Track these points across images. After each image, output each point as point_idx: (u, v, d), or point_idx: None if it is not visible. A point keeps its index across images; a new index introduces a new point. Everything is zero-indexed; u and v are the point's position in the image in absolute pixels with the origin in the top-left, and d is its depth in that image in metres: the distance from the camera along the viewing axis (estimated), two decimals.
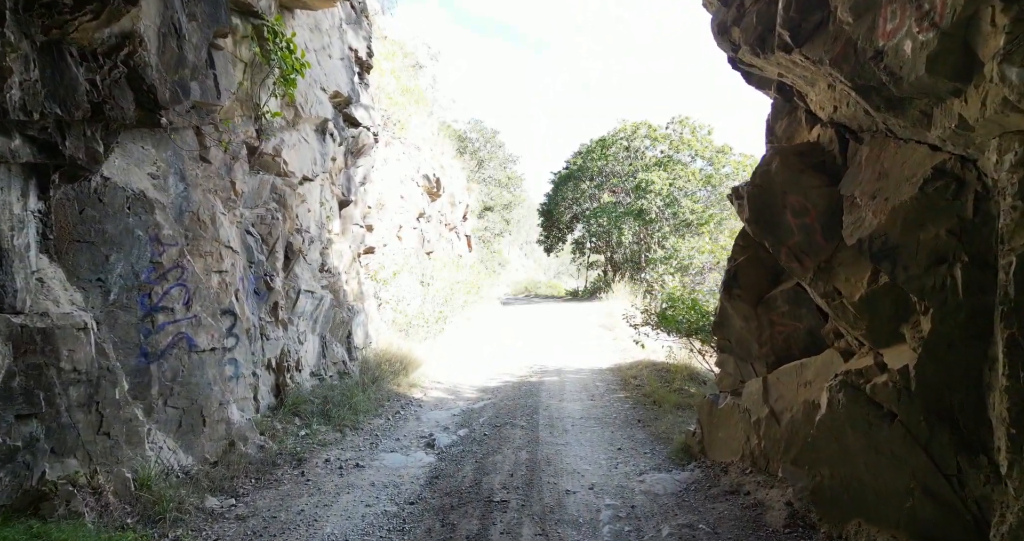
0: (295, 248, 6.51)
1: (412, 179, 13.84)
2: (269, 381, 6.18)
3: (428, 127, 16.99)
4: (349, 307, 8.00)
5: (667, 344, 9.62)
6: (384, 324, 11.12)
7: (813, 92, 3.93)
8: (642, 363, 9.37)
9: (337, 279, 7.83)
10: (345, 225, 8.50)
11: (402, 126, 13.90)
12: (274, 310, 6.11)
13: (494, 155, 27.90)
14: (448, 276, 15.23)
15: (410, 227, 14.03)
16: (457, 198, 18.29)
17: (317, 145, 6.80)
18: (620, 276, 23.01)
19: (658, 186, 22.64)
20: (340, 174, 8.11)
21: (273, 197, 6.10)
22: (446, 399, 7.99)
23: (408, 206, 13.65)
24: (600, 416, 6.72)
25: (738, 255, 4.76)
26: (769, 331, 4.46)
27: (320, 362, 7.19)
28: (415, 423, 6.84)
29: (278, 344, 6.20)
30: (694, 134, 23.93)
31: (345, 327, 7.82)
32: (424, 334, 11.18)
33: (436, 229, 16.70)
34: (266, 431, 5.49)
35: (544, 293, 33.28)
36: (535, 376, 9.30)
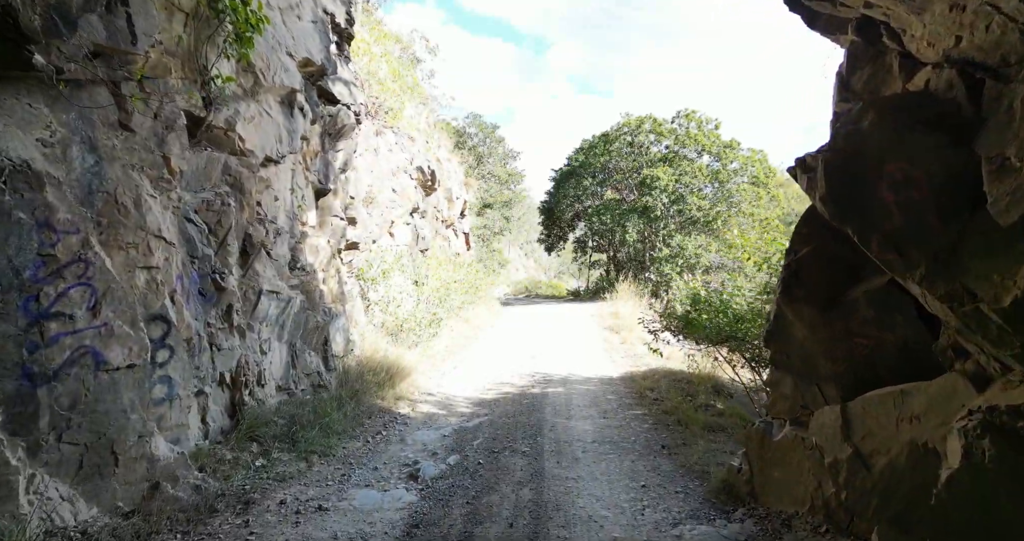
0: (256, 241, 5.46)
1: (405, 171, 12.79)
2: (222, 399, 5.13)
3: (423, 117, 15.94)
4: (326, 310, 6.95)
5: (686, 351, 8.57)
6: (372, 328, 10.07)
7: (919, 23, 2.87)
8: (658, 372, 8.30)
9: (312, 278, 6.78)
10: (323, 217, 7.45)
11: (394, 115, 12.85)
12: (227, 314, 5.05)
13: (494, 151, 26.83)
14: (444, 275, 14.18)
15: (403, 223, 12.98)
16: (455, 193, 17.24)
17: (283, 120, 5.75)
18: (624, 276, 21.94)
19: (663, 182, 21.60)
20: (316, 159, 7.06)
21: (226, 179, 5.04)
22: (437, 415, 6.94)
23: (400, 200, 12.59)
24: (616, 439, 5.65)
25: (801, 246, 3.70)
26: (845, 344, 3.41)
27: (289, 374, 6.13)
28: (398, 446, 5.78)
29: (233, 355, 5.14)
30: (700, 128, 22.88)
31: (321, 333, 6.77)
32: (416, 338, 10.13)
33: (432, 225, 15.64)
34: (209, 465, 4.43)
35: (545, 293, 32.24)
36: (538, 387, 8.24)
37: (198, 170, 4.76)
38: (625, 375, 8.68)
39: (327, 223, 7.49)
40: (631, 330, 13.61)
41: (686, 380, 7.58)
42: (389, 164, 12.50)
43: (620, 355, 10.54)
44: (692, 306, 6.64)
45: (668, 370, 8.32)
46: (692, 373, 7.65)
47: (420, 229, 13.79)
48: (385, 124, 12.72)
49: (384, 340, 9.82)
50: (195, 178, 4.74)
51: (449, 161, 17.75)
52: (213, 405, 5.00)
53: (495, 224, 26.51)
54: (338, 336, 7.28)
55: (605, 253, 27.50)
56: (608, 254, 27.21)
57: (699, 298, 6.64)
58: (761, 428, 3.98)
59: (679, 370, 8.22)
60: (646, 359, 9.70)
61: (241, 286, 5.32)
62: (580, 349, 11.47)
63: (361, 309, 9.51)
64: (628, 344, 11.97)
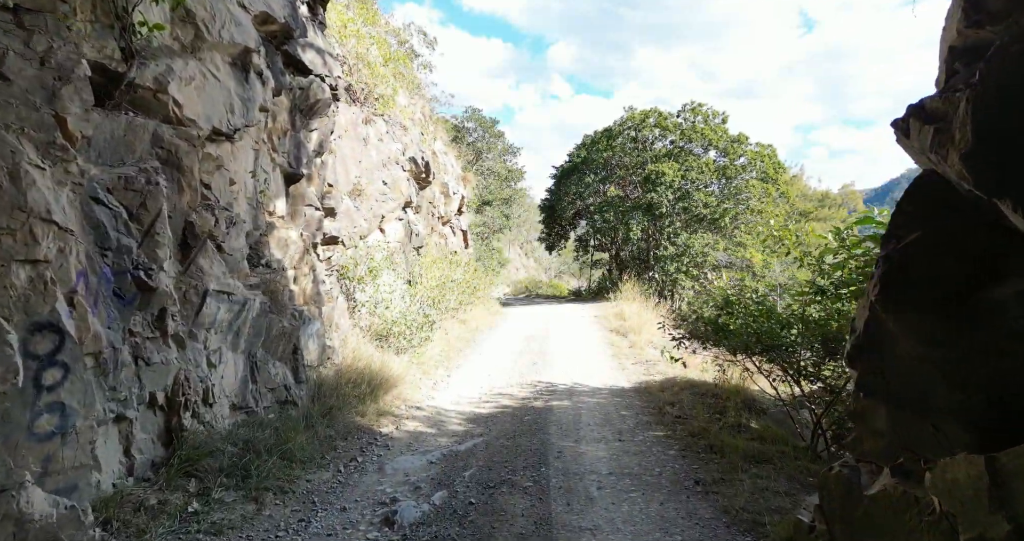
0: (200, 231, 4.44)
1: (397, 162, 11.78)
2: (153, 425, 4.11)
3: (418, 108, 14.93)
4: (296, 313, 5.93)
5: (708, 360, 7.54)
6: (357, 332, 9.06)
7: None
8: (676, 383, 7.28)
9: (278, 276, 5.76)
10: (295, 206, 6.43)
11: (385, 102, 11.84)
12: (159, 320, 4.03)
13: (493, 146, 25.80)
14: (440, 274, 13.17)
15: (395, 218, 11.97)
16: (452, 188, 16.22)
17: (235, 86, 4.73)
18: (628, 275, 20.94)
19: (669, 178, 20.58)
20: (286, 139, 6.05)
21: (156, 153, 4.02)
22: (424, 435, 5.92)
23: (392, 193, 11.59)
24: (637, 470, 4.62)
25: (906, 230, 2.67)
26: (982, 365, 2.39)
27: (247, 390, 5.11)
28: (375, 477, 4.76)
29: (168, 370, 4.12)
30: (707, 122, 21.86)
31: (289, 340, 5.75)
32: (406, 343, 9.12)
33: (427, 221, 14.63)
34: (121, 516, 3.41)
35: (546, 293, 31.24)
36: (540, 399, 7.22)
37: (115, 138, 3.74)
38: (639, 385, 7.65)
39: (300, 213, 6.47)
40: (639, 332, 12.61)
41: (710, 393, 6.56)
42: (379, 154, 11.49)
43: (630, 361, 9.52)
44: (723, 309, 5.60)
45: (687, 380, 7.29)
46: (716, 385, 6.62)
47: (414, 225, 12.78)
48: (375, 112, 11.72)
49: (370, 346, 8.80)
50: (110, 149, 3.72)
51: (446, 154, 16.74)
52: (140, 433, 3.99)
53: (494, 222, 25.49)
54: (311, 343, 6.26)
55: (607, 252, 26.50)
56: (610, 253, 26.21)
57: (732, 300, 5.59)
58: (844, 475, 2.95)
59: (700, 381, 7.20)
60: (660, 366, 8.68)
61: (179, 285, 4.30)
62: (586, 354, 10.44)
63: (344, 311, 8.50)
64: (637, 348, 10.95)
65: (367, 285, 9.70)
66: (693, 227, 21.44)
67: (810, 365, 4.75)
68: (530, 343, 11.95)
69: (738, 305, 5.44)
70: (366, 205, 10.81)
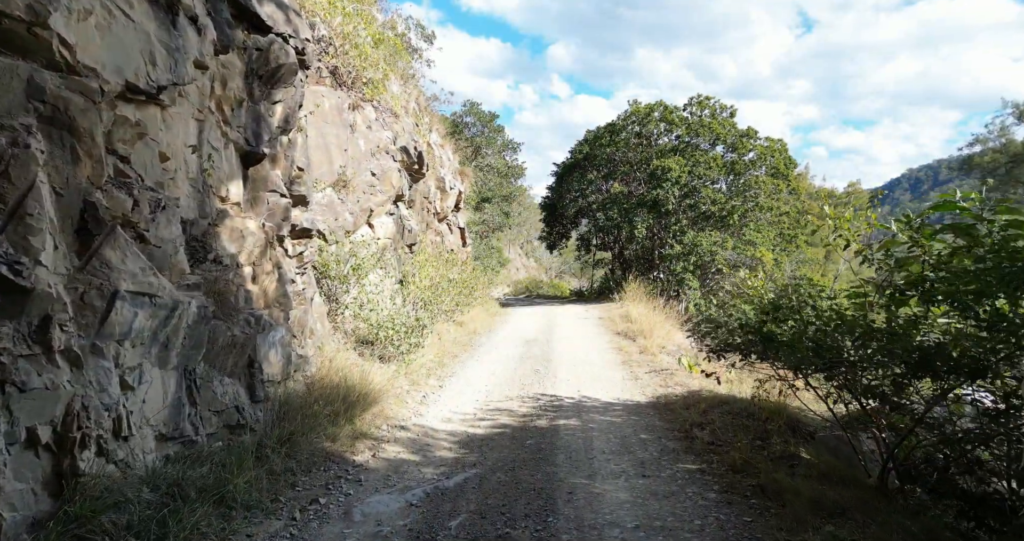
0: (107, 215, 3.38)
1: (387, 152, 10.73)
2: (35, 471, 3.05)
3: (412, 98, 13.88)
4: (253, 318, 4.87)
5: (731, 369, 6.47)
6: (339, 338, 8.02)
7: None
8: (701, 397, 6.22)
9: (230, 274, 4.71)
10: (255, 192, 5.38)
11: (375, 86, 10.80)
12: (41, 331, 2.98)
13: (492, 141, 24.70)
14: (435, 273, 12.12)
15: (385, 212, 10.92)
16: (448, 183, 15.17)
17: (157, 30, 3.67)
18: (633, 275, 19.87)
19: (675, 173, 19.52)
20: (242, 110, 4.99)
21: (34, 108, 2.97)
22: (406, 464, 4.87)
23: (382, 185, 10.54)
24: (671, 523, 3.54)
25: None
26: None
27: (181, 415, 4.05)
28: (338, 528, 3.71)
29: (55, 397, 3.07)
30: (715, 116, 20.80)
31: (242, 351, 4.69)
32: (394, 349, 8.07)
33: (421, 217, 13.58)
34: None
35: (547, 293, 30.21)
36: (545, 416, 6.16)
37: None
38: (657, 400, 6.59)
39: (261, 200, 5.42)
40: (648, 336, 11.55)
41: (744, 412, 5.49)
42: (368, 143, 10.45)
43: (643, 370, 8.45)
44: (768, 314, 4.51)
45: (714, 394, 6.24)
46: (755, 403, 5.55)
47: (406, 220, 11.73)
48: (364, 97, 10.68)
49: (352, 354, 7.76)
50: None
51: (443, 147, 15.69)
52: (14, 482, 2.94)
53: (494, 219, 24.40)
54: (273, 353, 5.20)
55: (610, 251, 25.43)
56: (613, 252, 25.14)
57: (780, 304, 4.48)
58: None
59: (729, 395, 6.14)
60: (678, 376, 7.62)
61: (73, 285, 3.25)
62: (593, 361, 9.39)
63: (322, 315, 7.45)
64: (649, 354, 9.90)
65: (351, 285, 8.67)
66: (700, 225, 20.36)
67: (887, 385, 3.69)
68: (531, 348, 10.90)
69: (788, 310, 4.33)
70: (352, 197, 9.77)
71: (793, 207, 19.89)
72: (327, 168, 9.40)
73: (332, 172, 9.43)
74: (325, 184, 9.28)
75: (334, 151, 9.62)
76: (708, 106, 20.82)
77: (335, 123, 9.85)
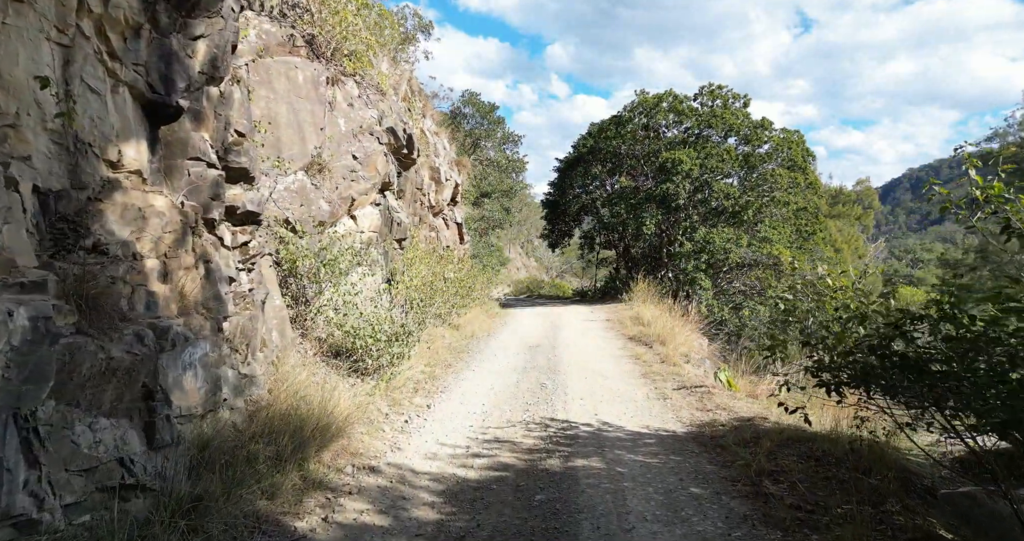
0: None
1: (371, 133, 9.28)
2: None
3: (404, 77, 12.42)
4: (149, 333, 3.41)
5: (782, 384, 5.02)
6: (306, 348, 6.58)
7: None
8: (759, 429, 4.76)
9: (118, 269, 3.26)
10: (170, 160, 3.92)
11: (358, 58, 9.36)
12: None
13: (492, 133, 23.20)
14: (426, 272, 10.67)
15: (370, 202, 9.48)
16: (444, 174, 13.70)
17: None
18: (642, 274, 18.41)
19: (686, 166, 18.05)
20: (140, 42, 3.53)
21: None
22: (366, 533, 3.42)
23: (365, 171, 9.09)
24: None
25: None
26: None
27: (13, 484, 2.61)
28: None
29: None
30: (727, 107, 19.33)
31: (133, 378, 3.24)
32: (373, 361, 6.62)
33: (412, 210, 12.13)
34: None
35: (548, 293, 28.76)
36: (556, 453, 4.71)
37: None
38: (699, 430, 5.12)
39: (179, 171, 3.96)
40: (666, 342, 10.11)
41: (828, 455, 4.03)
42: (349, 122, 9.01)
43: (670, 384, 6.99)
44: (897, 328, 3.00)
45: (777, 426, 4.78)
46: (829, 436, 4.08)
47: (395, 212, 10.27)
48: (345, 71, 9.24)
49: (322, 367, 6.32)
50: None
51: (438, 135, 14.23)
52: None
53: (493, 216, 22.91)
54: (190, 377, 3.74)
55: (615, 249, 23.97)
56: (617, 250, 23.68)
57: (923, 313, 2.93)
58: None
59: (794, 426, 4.68)
60: (717, 396, 6.16)
61: None
62: (608, 372, 7.93)
63: (282, 321, 5.99)
64: (671, 364, 8.45)
65: (326, 285, 7.22)
66: (711, 221, 18.90)
67: None
68: (535, 355, 9.46)
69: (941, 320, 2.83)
70: (329, 183, 8.32)
71: (811, 202, 18.43)
72: (299, 149, 7.97)
73: (305, 153, 8.00)
74: (296, 167, 7.84)
75: (308, 130, 8.19)
76: (720, 96, 19.35)
77: (310, 98, 8.41)
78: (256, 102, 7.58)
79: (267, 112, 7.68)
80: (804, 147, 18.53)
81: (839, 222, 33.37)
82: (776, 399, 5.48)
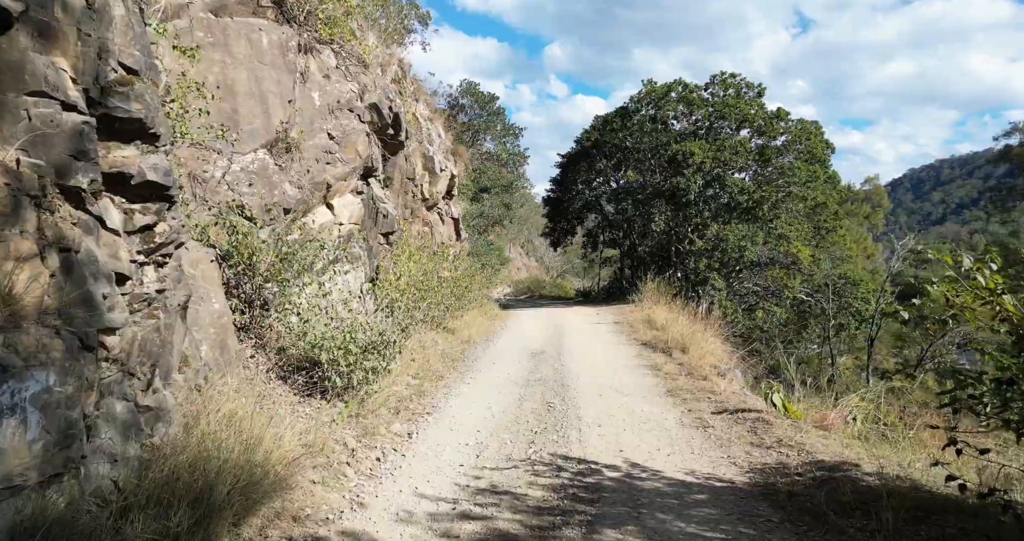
0: None
1: (351, 109, 7.93)
2: None
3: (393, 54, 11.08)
4: None
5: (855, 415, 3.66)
6: (264, 362, 5.22)
7: None
8: (852, 480, 3.39)
9: None
10: None
11: (336, 23, 8.01)
12: None
13: (491, 125, 21.81)
14: (416, 270, 9.32)
15: (350, 190, 8.13)
16: (439, 164, 12.35)
17: None
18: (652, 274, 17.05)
19: (698, 158, 16.69)
20: None
21: None
22: None
23: (344, 153, 7.75)
24: None
25: None
26: None
27: None
28: None
29: None
30: (740, 97, 17.97)
31: None
32: (341, 379, 5.25)
33: (404, 202, 10.77)
34: None
35: (550, 294, 27.41)
36: (575, 515, 3.35)
37: None
38: (763, 477, 3.75)
39: (9, 110, 2.59)
40: (687, 349, 8.75)
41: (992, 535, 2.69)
42: (325, 97, 7.67)
43: (706, 406, 5.62)
44: None
45: (875, 473, 3.42)
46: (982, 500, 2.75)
47: (380, 202, 8.91)
48: (320, 38, 7.89)
49: (277, 387, 4.97)
50: None
51: (431, 122, 12.88)
52: None
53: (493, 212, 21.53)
54: (10, 429, 2.38)
55: (619, 248, 22.61)
56: (622, 249, 22.31)
57: None
58: None
59: (904, 477, 3.32)
60: (775, 428, 4.77)
61: None
62: (627, 388, 6.58)
63: (222, 330, 4.63)
64: (698, 377, 7.09)
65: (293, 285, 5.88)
66: (723, 217, 17.54)
67: None
68: (539, 365, 8.11)
69: None
70: (299, 166, 6.98)
71: (831, 197, 17.06)
72: (262, 122, 6.64)
73: (269, 128, 6.66)
74: (257, 144, 6.51)
75: (273, 101, 6.85)
76: (733, 85, 17.99)
77: (276, 66, 7.07)
78: (208, 66, 6.24)
79: (222, 78, 6.35)
80: (823, 138, 17.17)
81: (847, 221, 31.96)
82: (852, 430, 4.14)
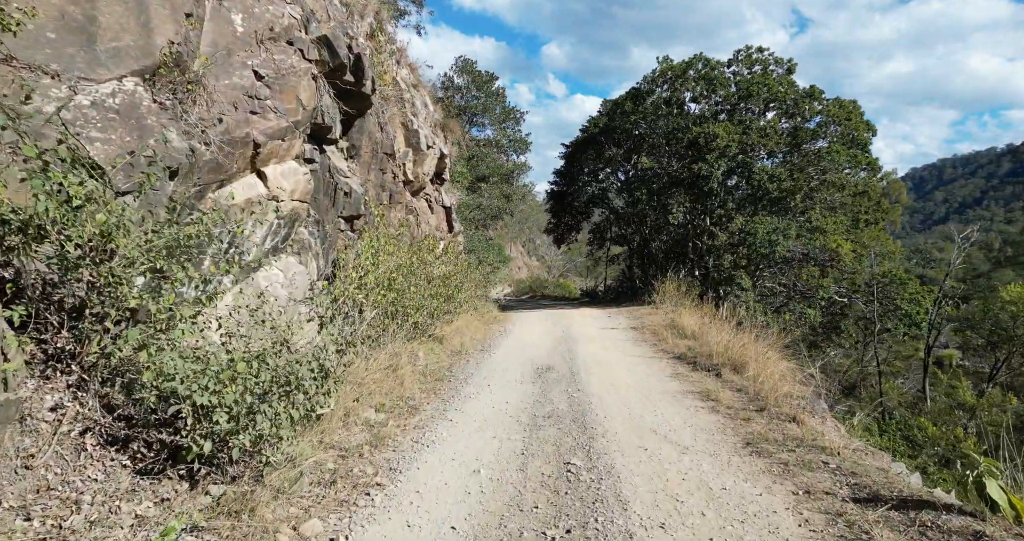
0: None
1: (290, 42, 5.67)
2: None
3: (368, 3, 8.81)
4: None
5: None
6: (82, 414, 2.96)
7: None
8: None
9: None
10: None
11: None
12: None
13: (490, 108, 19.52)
14: (391, 263, 7.06)
15: (293, 156, 5.88)
16: (425, 139, 10.08)
17: None
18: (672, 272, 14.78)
19: (722, 142, 14.41)
20: None
21: None
22: None
23: (279, 101, 5.48)
24: None
25: None
26: None
27: None
28: None
29: None
30: (767, 74, 15.71)
31: None
32: (241, 440, 2.99)
33: (378, 181, 8.50)
34: None
35: (553, 294, 25.13)
36: None
37: None
38: None
39: None
40: (745, 368, 6.53)
41: None
42: (252, 21, 5.40)
43: (827, 480, 3.37)
44: None
45: None
46: None
47: (340, 176, 6.64)
48: None
49: (100, 463, 2.71)
50: None
51: (416, 89, 10.61)
52: None
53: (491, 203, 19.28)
54: None
55: (628, 244, 20.35)
56: (631, 245, 20.06)
57: None
58: None
59: None
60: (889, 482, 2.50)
61: None
62: (683, 437, 4.33)
63: None
64: (789, 419, 4.83)
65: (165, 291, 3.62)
66: (749, 208, 15.29)
67: None
68: (550, 390, 5.87)
69: None
70: (204, 111, 4.73)
71: (873, 186, 14.80)
72: (137, 39, 4.36)
73: (148, 49, 4.38)
74: (126, 70, 4.26)
75: (158, 12, 4.56)
76: (760, 60, 15.72)
77: None
78: None
79: None
80: (863, 120, 14.91)
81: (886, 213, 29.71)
82: None
